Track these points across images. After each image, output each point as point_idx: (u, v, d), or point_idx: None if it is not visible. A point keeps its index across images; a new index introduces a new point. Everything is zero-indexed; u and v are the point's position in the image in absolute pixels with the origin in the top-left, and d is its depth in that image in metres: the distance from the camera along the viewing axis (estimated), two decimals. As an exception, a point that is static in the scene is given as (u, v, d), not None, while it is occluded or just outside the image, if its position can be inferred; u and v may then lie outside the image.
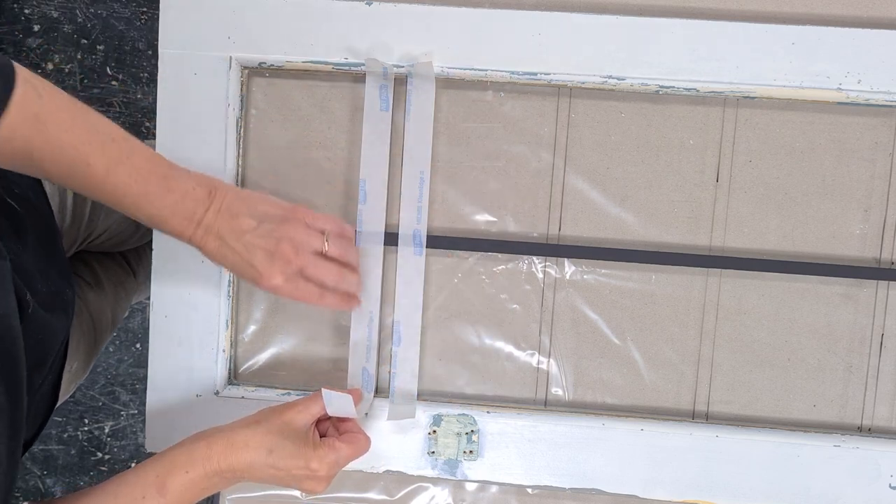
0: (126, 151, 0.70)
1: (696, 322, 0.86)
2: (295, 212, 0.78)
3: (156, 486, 0.72)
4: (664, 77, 0.83)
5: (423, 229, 0.85)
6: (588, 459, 0.85)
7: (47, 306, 0.77)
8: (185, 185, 0.73)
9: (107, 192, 0.70)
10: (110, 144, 0.69)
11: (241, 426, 0.75)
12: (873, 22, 0.83)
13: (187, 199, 0.73)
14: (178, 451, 0.73)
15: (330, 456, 0.75)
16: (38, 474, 1.74)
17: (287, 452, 0.73)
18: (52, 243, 0.85)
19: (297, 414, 0.76)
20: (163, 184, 0.71)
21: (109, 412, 1.72)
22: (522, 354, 0.88)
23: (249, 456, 0.73)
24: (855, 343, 0.86)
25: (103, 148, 0.68)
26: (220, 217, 0.74)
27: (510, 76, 0.84)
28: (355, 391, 0.83)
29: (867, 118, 0.84)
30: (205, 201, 0.74)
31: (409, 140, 0.85)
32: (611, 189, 0.86)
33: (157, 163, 0.72)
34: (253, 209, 0.76)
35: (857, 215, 0.85)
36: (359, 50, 0.84)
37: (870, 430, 0.86)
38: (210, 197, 0.74)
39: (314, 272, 0.77)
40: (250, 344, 0.89)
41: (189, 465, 0.73)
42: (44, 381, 0.82)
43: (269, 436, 0.74)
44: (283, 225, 0.76)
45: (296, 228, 0.77)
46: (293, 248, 0.76)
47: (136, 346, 1.70)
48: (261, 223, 0.76)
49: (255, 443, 0.73)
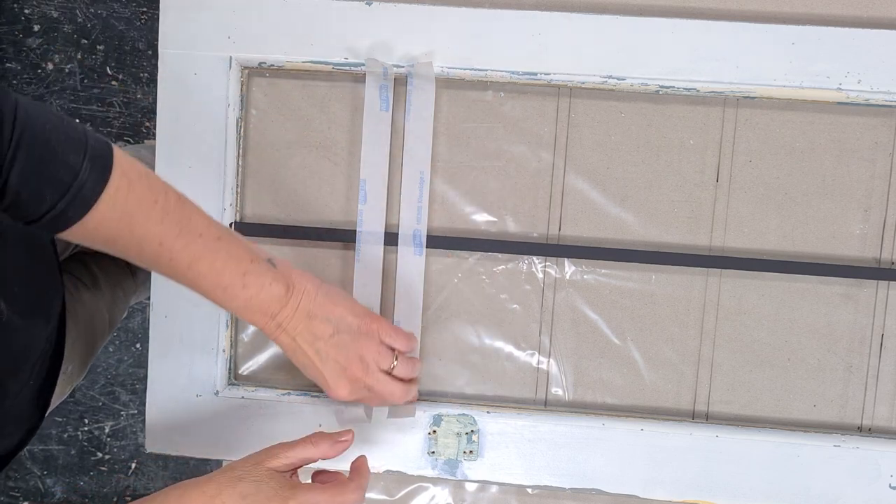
0: (212, 248, 0.70)
1: (696, 322, 0.86)
2: (370, 325, 0.79)
3: None
4: (664, 77, 0.83)
5: (423, 229, 0.85)
6: (588, 459, 0.85)
7: (25, 313, 0.77)
8: (261, 280, 0.73)
9: (187, 280, 0.71)
10: (197, 241, 0.69)
11: (218, 476, 0.71)
12: (873, 22, 0.83)
13: (262, 294, 0.73)
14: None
15: (308, 499, 0.70)
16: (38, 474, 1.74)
17: (262, 497, 0.70)
18: (40, 243, 0.84)
19: (277, 459, 0.73)
20: (239, 280, 0.72)
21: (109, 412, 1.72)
22: (522, 354, 0.88)
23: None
24: (855, 343, 0.86)
25: (188, 245, 0.69)
26: (296, 317, 0.75)
27: (510, 76, 0.84)
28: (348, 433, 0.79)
29: (867, 118, 0.84)
30: (281, 298, 0.74)
31: (409, 140, 0.85)
32: (611, 189, 0.86)
33: (240, 258, 0.72)
34: (329, 312, 0.76)
35: (857, 215, 0.85)
36: (359, 50, 0.84)
37: (870, 430, 0.86)
38: (288, 294, 0.74)
39: (380, 390, 0.79)
40: (250, 344, 0.89)
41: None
42: (23, 387, 0.81)
43: (244, 483, 0.70)
44: (358, 340, 0.77)
45: (369, 346, 0.78)
46: (364, 367, 0.78)
47: (136, 346, 1.70)
48: (336, 332, 0.76)
49: (229, 492, 0.70)
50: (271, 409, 0.87)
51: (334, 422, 0.86)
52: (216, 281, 0.71)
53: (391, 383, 0.80)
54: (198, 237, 0.70)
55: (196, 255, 0.69)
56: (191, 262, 0.70)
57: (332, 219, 0.88)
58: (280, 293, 0.74)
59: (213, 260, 0.70)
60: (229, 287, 0.72)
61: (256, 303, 0.73)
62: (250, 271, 0.72)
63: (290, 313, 0.74)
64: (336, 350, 0.76)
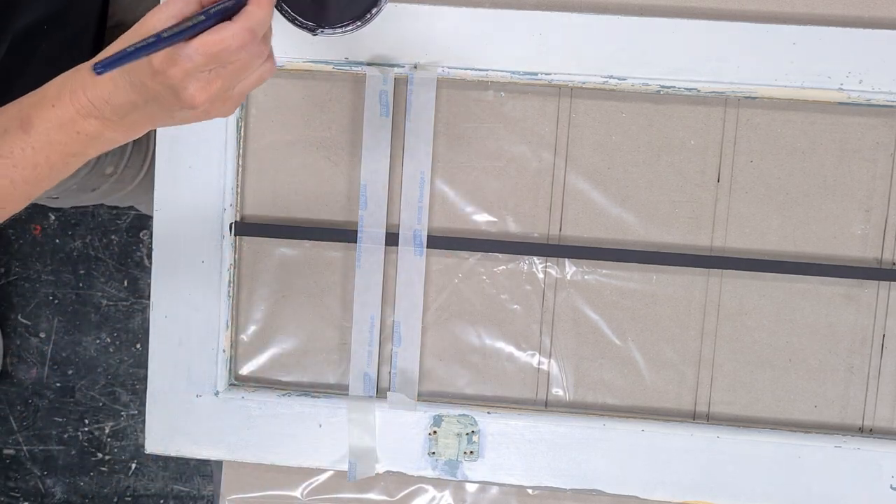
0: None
1: (697, 322, 0.86)
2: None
3: (19, 120, 0.59)
4: (665, 77, 0.83)
5: (424, 230, 0.85)
6: (589, 460, 0.85)
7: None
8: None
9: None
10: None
11: (124, 108, 0.59)
12: (875, 22, 0.83)
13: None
14: (49, 85, 0.60)
15: (198, 54, 0.56)
16: (38, 474, 1.74)
17: (152, 106, 0.58)
18: None
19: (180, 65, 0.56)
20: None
21: (109, 412, 1.72)
22: (523, 355, 0.87)
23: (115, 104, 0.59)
24: (856, 344, 0.86)
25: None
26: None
27: (511, 76, 0.84)
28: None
29: (869, 118, 0.84)
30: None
31: (410, 140, 0.85)
32: (612, 189, 0.86)
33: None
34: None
35: (858, 216, 0.85)
36: (359, 50, 0.84)
37: (871, 431, 0.86)
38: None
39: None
40: (250, 344, 0.89)
41: (57, 98, 0.59)
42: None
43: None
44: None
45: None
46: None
47: (136, 347, 1.70)
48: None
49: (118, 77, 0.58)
50: (271, 410, 0.87)
51: (335, 422, 0.86)
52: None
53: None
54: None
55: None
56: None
57: (333, 218, 0.88)
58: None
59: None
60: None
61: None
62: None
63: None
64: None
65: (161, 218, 0.87)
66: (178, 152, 0.86)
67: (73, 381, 1.71)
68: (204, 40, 0.56)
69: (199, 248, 0.86)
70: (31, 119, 0.59)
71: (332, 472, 0.89)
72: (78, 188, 1.06)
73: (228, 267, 0.87)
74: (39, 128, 0.59)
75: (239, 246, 0.88)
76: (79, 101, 0.59)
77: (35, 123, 0.59)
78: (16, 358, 1.72)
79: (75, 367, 1.71)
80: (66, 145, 0.60)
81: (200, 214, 0.86)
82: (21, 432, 1.73)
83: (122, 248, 1.69)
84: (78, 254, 1.70)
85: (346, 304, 0.88)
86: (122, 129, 0.61)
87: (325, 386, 0.89)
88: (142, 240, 1.69)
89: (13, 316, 1.72)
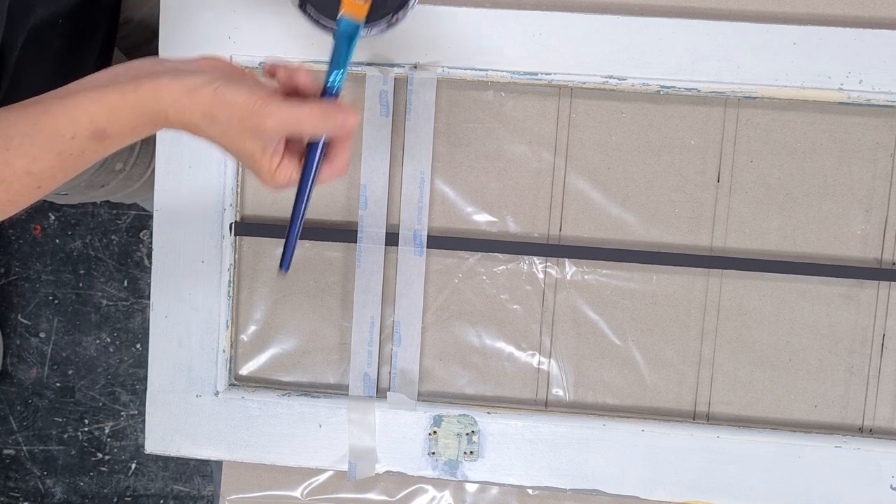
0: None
1: (697, 322, 0.86)
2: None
3: (90, 131, 0.61)
4: (665, 77, 0.83)
5: (424, 229, 0.85)
6: (589, 460, 0.85)
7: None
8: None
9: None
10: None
11: (202, 110, 0.61)
12: (875, 22, 0.83)
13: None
14: (119, 103, 0.61)
15: (283, 181, 0.63)
16: (38, 475, 1.74)
17: (239, 155, 0.62)
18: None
19: (268, 128, 0.61)
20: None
21: (109, 412, 1.72)
22: (523, 355, 0.87)
23: (199, 134, 0.62)
24: (856, 344, 0.86)
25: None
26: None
27: (511, 76, 0.84)
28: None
29: (869, 118, 0.84)
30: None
31: (410, 140, 0.85)
32: (612, 189, 0.86)
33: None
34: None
35: (858, 216, 0.85)
36: (359, 50, 0.84)
37: (871, 431, 0.86)
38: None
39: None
40: (250, 344, 0.89)
41: (134, 122, 0.61)
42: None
43: (225, 139, 0.61)
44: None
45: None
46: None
47: (136, 347, 1.70)
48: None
49: (208, 134, 0.62)
50: (271, 410, 0.87)
51: (335, 422, 0.86)
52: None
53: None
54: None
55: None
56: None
57: (333, 218, 0.88)
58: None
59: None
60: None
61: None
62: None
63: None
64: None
65: (161, 218, 0.87)
66: (178, 152, 0.86)
67: (73, 381, 1.71)
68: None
69: (199, 248, 0.86)
70: (107, 132, 0.61)
71: (332, 472, 0.89)
72: (87, 185, 1.06)
73: (228, 267, 0.87)
74: (114, 139, 0.62)
75: (239, 246, 0.88)
76: (163, 120, 0.61)
77: (110, 135, 0.61)
78: (16, 358, 1.72)
79: (75, 367, 1.71)
80: (136, 138, 0.63)
81: (200, 214, 0.86)
82: (21, 432, 1.73)
83: (122, 248, 1.69)
84: (78, 254, 1.70)
85: (346, 304, 0.88)
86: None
87: (325, 386, 0.89)
88: (142, 240, 1.69)
89: (13, 316, 1.72)
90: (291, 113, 0.61)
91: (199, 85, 0.60)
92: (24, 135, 0.60)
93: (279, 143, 0.63)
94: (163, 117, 0.61)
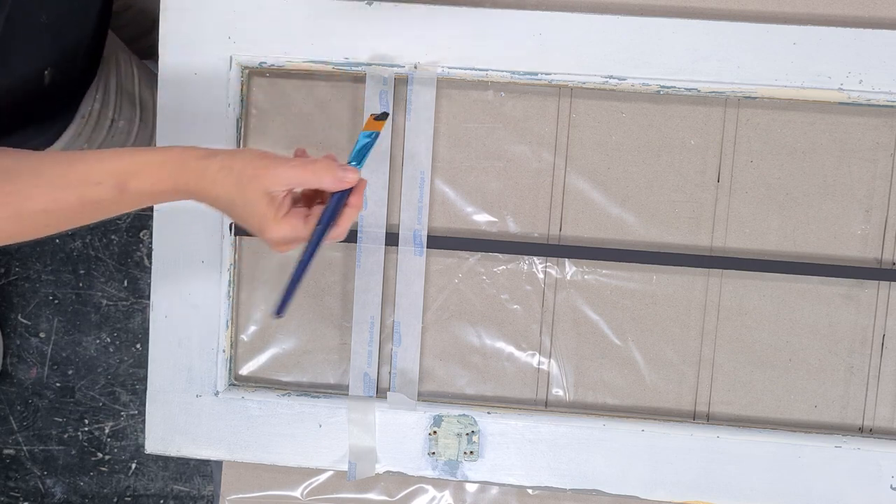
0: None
1: (697, 322, 0.86)
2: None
3: (116, 180, 0.66)
4: (665, 77, 0.83)
5: (424, 229, 0.85)
6: (589, 460, 0.85)
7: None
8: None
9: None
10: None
11: (220, 163, 0.67)
12: (875, 22, 0.83)
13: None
14: (149, 159, 0.67)
15: (287, 234, 0.68)
16: (38, 474, 1.74)
17: (248, 212, 0.67)
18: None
19: (278, 178, 0.67)
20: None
21: (109, 412, 1.72)
22: (523, 355, 0.87)
23: (214, 194, 0.67)
24: (856, 344, 0.86)
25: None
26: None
27: (511, 76, 0.84)
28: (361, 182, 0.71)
29: (868, 118, 0.84)
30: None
31: (410, 140, 0.85)
32: (612, 189, 0.86)
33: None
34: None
35: (858, 216, 0.85)
36: (359, 50, 0.84)
37: (871, 431, 0.86)
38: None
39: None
40: (250, 344, 0.89)
41: (157, 179, 0.67)
42: None
43: (237, 189, 0.67)
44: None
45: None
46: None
47: (136, 347, 1.70)
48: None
49: (222, 188, 0.67)
50: (271, 410, 0.87)
51: (335, 422, 0.86)
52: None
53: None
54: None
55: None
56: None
57: (333, 219, 0.88)
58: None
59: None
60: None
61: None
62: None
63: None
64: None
65: (161, 218, 0.87)
66: (178, 152, 0.86)
67: (73, 381, 1.71)
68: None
69: (199, 248, 0.86)
70: (128, 186, 0.66)
71: (332, 472, 0.89)
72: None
73: (228, 267, 0.87)
74: (133, 194, 0.67)
75: (239, 246, 0.88)
76: (181, 187, 0.67)
77: (131, 190, 0.66)
78: (16, 358, 1.72)
79: (75, 367, 1.71)
80: (152, 202, 0.69)
81: (200, 214, 0.86)
82: (21, 432, 1.73)
83: (122, 248, 1.69)
84: (78, 254, 1.70)
85: (346, 304, 0.88)
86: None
87: (325, 386, 0.89)
88: (142, 240, 1.69)
89: (13, 316, 1.72)
90: (298, 164, 0.68)
91: (221, 150, 0.68)
92: (55, 174, 0.66)
93: (286, 197, 0.68)
94: (183, 179, 0.67)
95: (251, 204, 0.67)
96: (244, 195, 0.67)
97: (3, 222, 0.65)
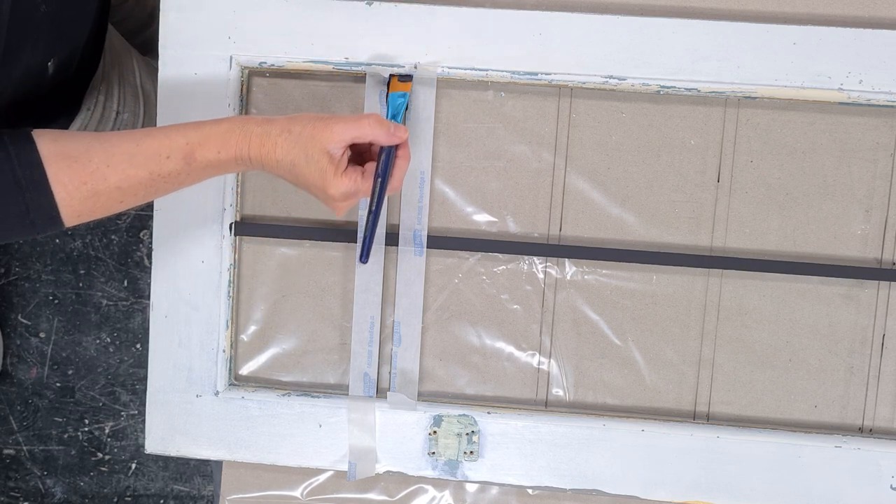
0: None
1: (697, 323, 0.86)
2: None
3: (183, 153, 0.71)
4: (665, 77, 0.83)
5: (424, 229, 0.85)
6: (589, 460, 0.85)
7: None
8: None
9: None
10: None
11: (280, 127, 0.72)
12: (875, 22, 0.83)
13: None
14: (213, 129, 0.72)
15: (348, 187, 0.73)
16: (38, 474, 1.74)
17: (310, 170, 0.72)
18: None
19: (335, 133, 0.72)
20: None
21: (109, 412, 1.72)
22: (523, 355, 0.87)
23: (276, 157, 0.72)
24: (856, 344, 0.86)
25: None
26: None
27: (511, 76, 0.84)
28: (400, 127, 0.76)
29: (868, 118, 0.84)
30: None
31: (410, 140, 0.85)
32: (612, 189, 0.86)
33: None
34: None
35: (858, 216, 0.85)
36: (359, 50, 0.84)
37: (871, 431, 0.86)
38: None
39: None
40: (250, 344, 0.89)
41: (223, 147, 0.72)
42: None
43: (298, 148, 0.72)
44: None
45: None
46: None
47: (136, 347, 1.70)
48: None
49: (284, 151, 0.72)
50: (271, 410, 0.87)
51: (335, 422, 0.86)
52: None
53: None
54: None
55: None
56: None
57: (333, 219, 0.88)
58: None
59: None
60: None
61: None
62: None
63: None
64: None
65: (161, 218, 0.87)
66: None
67: (73, 381, 1.71)
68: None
69: (199, 248, 0.86)
70: (195, 156, 0.71)
71: (332, 472, 0.89)
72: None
73: (228, 267, 0.87)
74: (200, 165, 0.72)
75: (239, 246, 0.88)
76: (244, 155, 0.72)
77: (198, 160, 0.71)
78: (16, 358, 1.72)
79: (75, 367, 1.71)
80: (217, 173, 0.74)
81: (200, 214, 0.86)
82: (21, 432, 1.73)
83: (122, 248, 1.69)
84: (78, 254, 1.70)
85: (346, 304, 0.88)
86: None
87: (325, 386, 0.89)
88: (142, 240, 1.69)
89: (13, 316, 1.72)
90: (352, 119, 0.73)
91: (278, 116, 0.74)
92: (125, 153, 0.70)
93: (343, 154, 0.73)
94: (245, 146, 0.71)
95: (313, 162, 0.71)
96: (306, 154, 0.71)
97: (81, 203, 0.69)
